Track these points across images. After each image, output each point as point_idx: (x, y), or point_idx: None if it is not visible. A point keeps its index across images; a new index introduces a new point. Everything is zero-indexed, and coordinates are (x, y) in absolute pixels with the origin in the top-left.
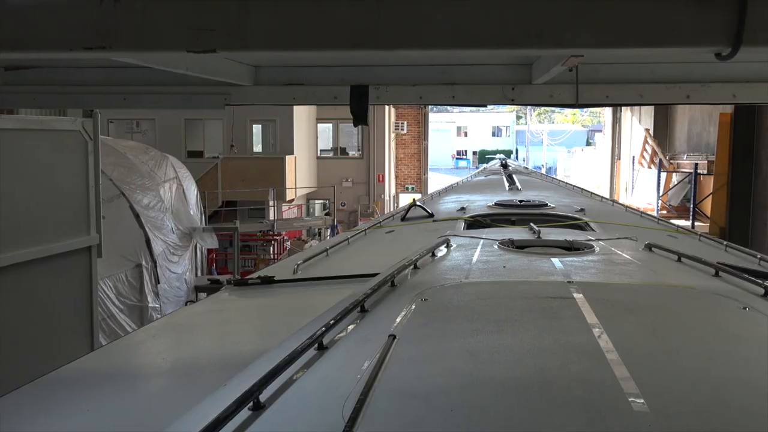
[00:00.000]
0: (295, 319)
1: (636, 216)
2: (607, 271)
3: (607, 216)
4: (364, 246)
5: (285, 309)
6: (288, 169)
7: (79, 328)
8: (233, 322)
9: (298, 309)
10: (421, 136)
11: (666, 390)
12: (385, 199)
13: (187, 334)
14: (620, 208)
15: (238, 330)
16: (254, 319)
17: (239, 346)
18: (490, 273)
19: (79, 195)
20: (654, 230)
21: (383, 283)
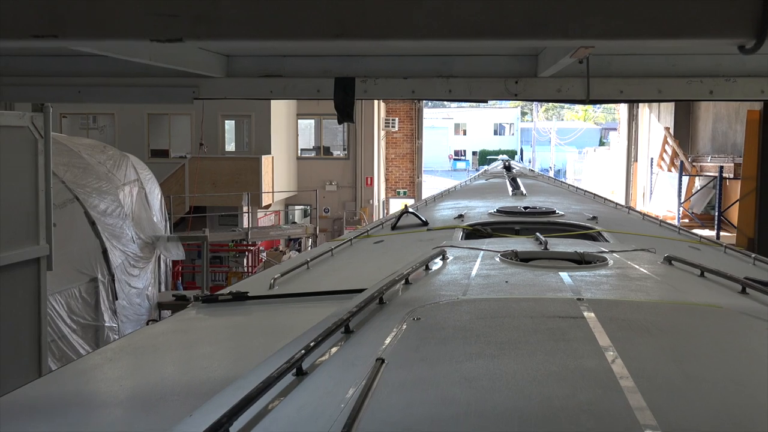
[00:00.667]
0: (271, 341)
1: (654, 225)
2: (621, 287)
3: (622, 225)
4: (349, 258)
5: (260, 329)
6: (264, 170)
7: (25, 350)
8: (201, 344)
9: (274, 329)
10: (415, 135)
11: (687, 422)
12: (373, 205)
13: (149, 357)
14: (637, 216)
15: (206, 353)
16: (225, 340)
17: (207, 371)
18: (491, 289)
19: (26, 200)
20: (674, 241)
21: (370, 300)
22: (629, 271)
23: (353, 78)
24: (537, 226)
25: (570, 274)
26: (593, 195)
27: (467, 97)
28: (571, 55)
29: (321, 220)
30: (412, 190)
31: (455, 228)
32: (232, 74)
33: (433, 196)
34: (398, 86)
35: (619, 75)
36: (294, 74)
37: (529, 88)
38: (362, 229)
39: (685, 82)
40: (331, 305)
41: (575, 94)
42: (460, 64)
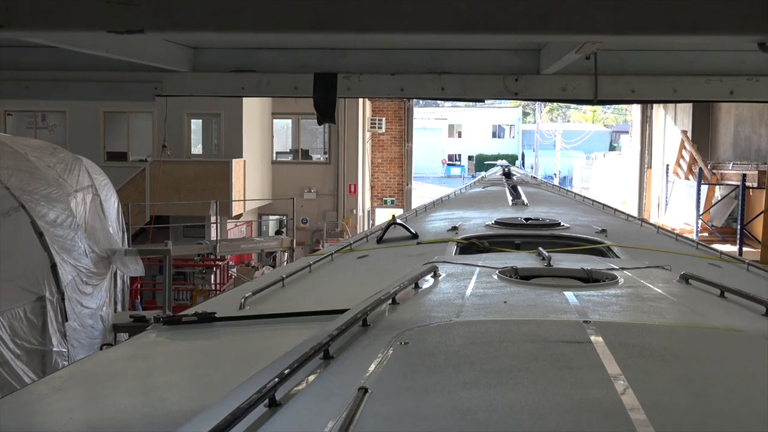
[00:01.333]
0: (242, 368)
1: (670, 239)
2: (633, 308)
3: (634, 239)
4: (329, 275)
5: (228, 354)
6: (235, 176)
7: None
8: (162, 372)
9: (245, 354)
10: (404, 137)
11: None
12: (357, 216)
13: (103, 386)
14: (651, 229)
15: (168, 381)
16: (189, 367)
17: (169, 402)
18: (488, 310)
19: None
20: (692, 257)
21: (353, 322)
22: (642, 290)
23: (335, 74)
24: (539, 240)
25: (576, 293)
26: (602, 205)
27: (462, 96)
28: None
29: (298, 232)
30: (400, 199)
31: (448, 241)
32: (199, 68)
33: (423, 206)
34: (385, 83)
35: (631, 72)
36: (269, 69)
37: (531, 87)
38: (344, 242)
39: (704, 81)
40: (308, 328)
41: (582, 94)
42: (454, 59)
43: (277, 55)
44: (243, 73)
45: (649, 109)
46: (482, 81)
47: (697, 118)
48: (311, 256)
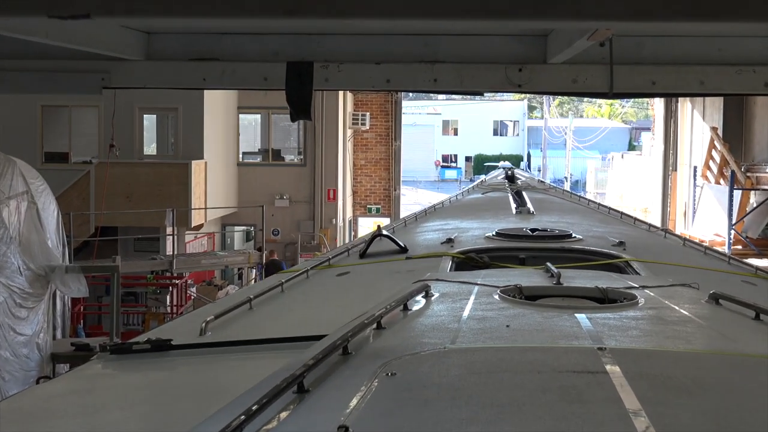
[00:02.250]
0: (202, 403)
1: (698, 253)
2: (655, 332)
3: (656, 253)
4: (305, 295)
5: (187, 388)
6: (195, 180)
7: None
8: (109, 409)
9: (206, 388)
10: (391, 135)
11: None
12: (337, 226)
13: (40, 425)
14: (676, 241)
15: (115, 419)
16: (140, 403)
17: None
18: (488, 335)
19: None
20: (723, 274)
21: (332, 350)
22: (665, 312)
23: (310, 63)
24: (547, 254)
25: (589, 315)
26: (620, 214)
27: (457, 89)
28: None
29: (269, 244)
30: (387, 207)
31: (442, 256)
32: (153, 56)
33: (414, 215)
34: (369, 74)
35: (651, 61)
36: (234, 57)
37: (537, 78)
38: (322, 257)
39: (735, 71)
40: (280, 357)
41: (595, 86)
42: (448, 46)
43: (244, 41)
44: (204, 61)
45: (674, 102)
46: (481, 71)
47: (728, 113)
48: (283, 273)
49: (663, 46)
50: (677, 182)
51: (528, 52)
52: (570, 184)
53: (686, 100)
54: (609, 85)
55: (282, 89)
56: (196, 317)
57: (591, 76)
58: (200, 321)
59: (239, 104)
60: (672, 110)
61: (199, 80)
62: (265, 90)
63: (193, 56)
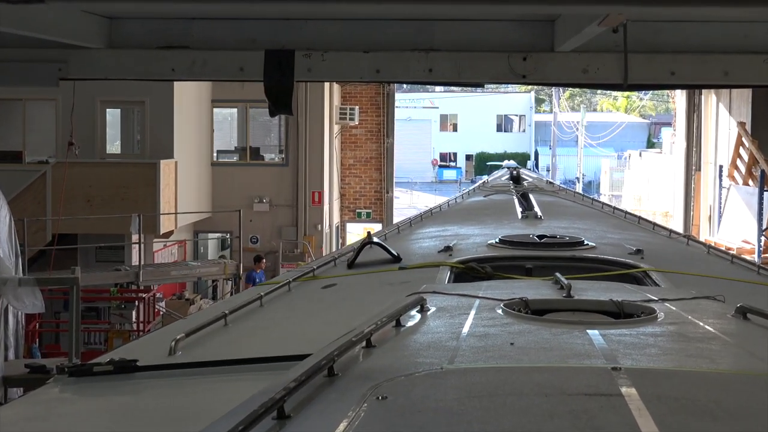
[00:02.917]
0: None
1: (724, 262)
2: (676, 350)
3: (678, 262)
4: (286, 310)
5: (154, 414)
6: (164, 182)
7: None
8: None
9: (175, 414)
10: (383, 131)
11: None
12: (322, 233)
13: None
14: (700, 248)
15: None
16: (102, 431)
17: None
18: (490, 354)
19: None
20: (752, 285)
21: (316, 371)
22: (687, 327)
23: (291, 51)
24: (557, 264)
25: (603, 331)
26: (638, 218)
27: (455, 80)
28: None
29: (247, 254)
30: (378, 211)
31: (440, 266)
32: (116, 44)
33: (408, 220)
34: (356, 63)
35: (670, 49)
36: (206, 45)
37: (543, 68)
38: (305, 267)
39: (762, 60)
40: (258, 379)
41: (608, 77)
42: (444, 33)
43: (217, 27)
44: (173, 50)
45: (697, 95)
46: (481, 60)
47: (758, 106)
48: (262, 286)
49: (683, 33)
50: (701, 183)
51: (533, 40)
52: (582, 186)
53: (711, 93)
54: (623, 76)
55: (260, 81)
56: (165, 335)
57: (603, 66)
58: (170, 339)
59: (213, 97)
60: (695, 103)
61: (168, 71)
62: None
63: (160, 44)
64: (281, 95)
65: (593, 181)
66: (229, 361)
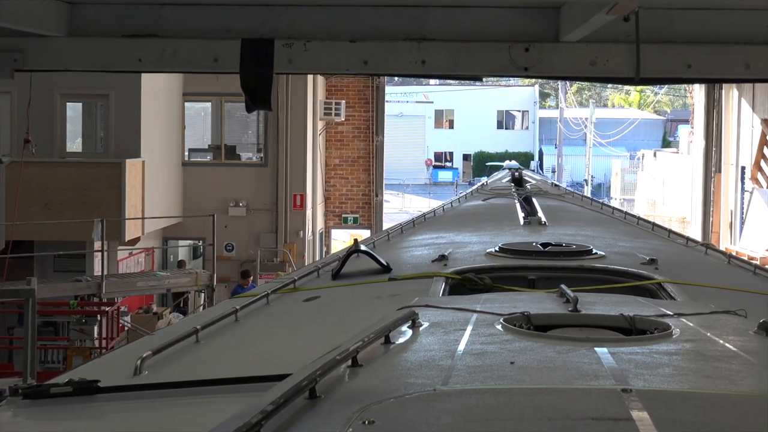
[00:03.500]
0: None
1: (746, 272)
2: (692, 370)
3: (695, 273)
4: (264, 324)
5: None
6: (130, 184)
7: None
8: None
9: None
10: (372, 128)
11: None
12: (305, 240)
13: None
14: (719, 258)
15: None
16: None
17: None
18: (488, 374)
19: None
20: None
21: (297, 393)
22: (705, 345)
23: (271, 40)
24: (562, 275)
25: (612, 349)
26: (652, 225)
27: (450, 72)
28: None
29: (221, 263)
30: (366, 216)
31: (433, 276)
32: (77, 32)
33: (399, 226)
34: (342, 54)
35: (686, 40)
36: (177, 33)
37: (547, 60)
38: (286, 278)
39: None
40: (233, 401)
41: (618, 69)
42: (439, 21)
43: (189, 13)
44: (140, 38)
45: (717, 89)
46: (479, 51)
47: None
48: (238, 299)
49: (699, 21)
50: (721, 186)
51: (536, 29)
52: (591, 189)
53: (732, 87)
54: (635, 69)
55: (236, 72)
56: (130, 353)
57: (613, 58)
58: (135, 357)
59: (185, 90)
60: (715, 99)
61: (134, 61)
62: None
63: (126, 32)
64: (259, 88)
65: (603, 184)
66: (200, 382)
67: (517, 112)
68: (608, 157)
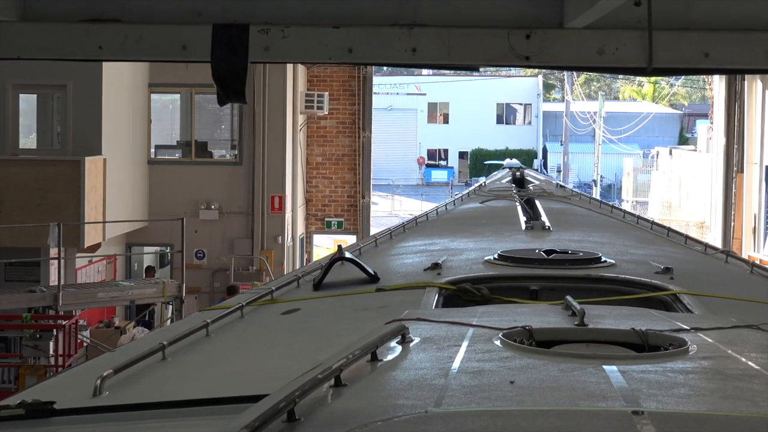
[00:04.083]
0: None
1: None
2: (710, 391)
3: (714, 283)
4: (238, 340)
5: None
6: (90, 184)
7: None
8: None
9: None
10: (358, 122)
11: None
12: (284, 246)
13: None
14: (741, 266)
15: None
16: None
17: None
18: (485, 394)
19: None
20: None
21: (274, 415)
22: (725, 363)
23: (246, 26)
24: (568, 285)
25: (623, 367)
26: (667, 230)
27: (444, 62)
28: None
29: (191, 272)
30: (352, 220)
31: (426, 287)
32: (31, 17)
33: (389, 231)
34: (325, 41)
35: (703, 26)
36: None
37: (551, 48)
38: (263, 288)
39: None
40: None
41: (629, 59)
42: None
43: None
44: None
45: (738, 81)
46: (475, 38)
47: None
48: (210, 310)
49: (719, 6)
50: (744, 188)
51: (538, 13)
52: (600, 190)
53: (755, 78)
54: (647, 58)
55: (207, 61)
56: (90, 371)
57: (623, 46)
58: (95, 376)
59: (151, 81)
60: (736, 91)
61: (95, 49)
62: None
63: (85, 16)
64: (233, 79)
65: (613, 185)
66: (167, 404)
67: (518, 106)
68: (619, 155)
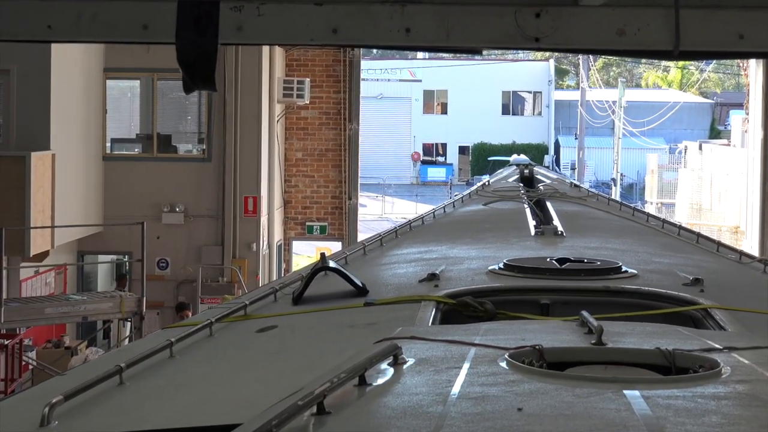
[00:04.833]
0: None
1: None
2: (746, 419)
3: (750, 296)
4: (207, 361)
5: None
6: (36, 183)
7: None
8: None
9: None
10: (344, 113)
11: None
12: (259, 254)
13: None
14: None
15: None
16: None
17: None
18: (490, 423)
19: None
20: None
21: None
22: (761, 387)
23: (216, 2)
24: (583, 298)
25: (646, 392)
26: (696, 236)
27: (442, 44)
28: None
29: (152, 284)
30: (337, 225)
31: (421, 300)
32: None
33: (379, 237)
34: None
35: (737, 4)
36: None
37: (564, 28)
38: (235, 302)
39: None
40: None
41: (653, 41)
42: None
43: None
44: (51, 1)
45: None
46: (477, 17)
47: None
48: (174, 328)
49: None
50: None
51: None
52: (620, 190)
53: None
54: (674, 41)
55: (171, 43)
56: (36, 398)
57: (646, 26)
58: (42, 404)
59: (106, 65)
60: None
61: (43, 29)
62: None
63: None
64: (200, 63)
65: (636, 184)
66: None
67: (527, 94)
68: (642, 150)
